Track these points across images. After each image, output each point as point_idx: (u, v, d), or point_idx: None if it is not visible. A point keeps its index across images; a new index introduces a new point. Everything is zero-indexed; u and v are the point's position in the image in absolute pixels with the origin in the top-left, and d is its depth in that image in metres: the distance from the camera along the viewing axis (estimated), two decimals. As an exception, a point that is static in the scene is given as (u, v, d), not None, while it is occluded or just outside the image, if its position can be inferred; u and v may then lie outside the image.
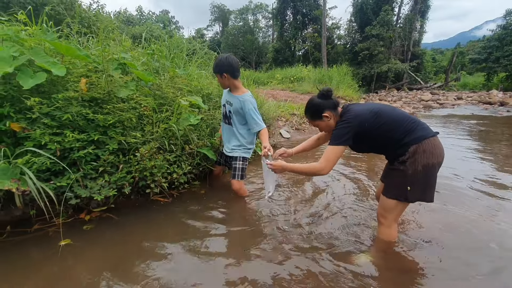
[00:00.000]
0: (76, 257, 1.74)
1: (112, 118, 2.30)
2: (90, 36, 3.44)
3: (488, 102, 12.73)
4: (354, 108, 1.70)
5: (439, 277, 1.58)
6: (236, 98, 2.42)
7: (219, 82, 2.47)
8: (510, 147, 4.82)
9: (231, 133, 2.56)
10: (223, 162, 2.79)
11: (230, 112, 2.49)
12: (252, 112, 2.38)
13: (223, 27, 40.21)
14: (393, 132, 1.62)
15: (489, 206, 2.47)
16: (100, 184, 2.16)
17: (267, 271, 1.62)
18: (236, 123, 2.49)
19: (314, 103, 1.78)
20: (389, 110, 1.68)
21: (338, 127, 1.68)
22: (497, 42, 23.62)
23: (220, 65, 2.33)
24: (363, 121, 1.62)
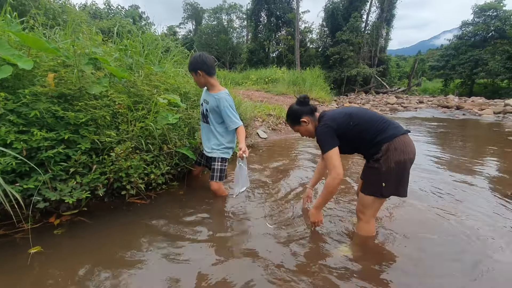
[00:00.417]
0: (47, 266, 1.61)
1: (84, 116, 2.16)
2: (56, 28, 3.20)
3: (446, 106, 13.86)
4: (329, 113, 1.83)
5: (411, 267, 1.69)
6: (212, 96, 2.40)
7: (195, 81, 2.44)
8: (465, 146, 5.32)
9: (209, 131, 2.54)
10: (204, 163, 2.75)
11: (206, 110, 2.47)
12: (227, 109, 2.37)
13: (196, 26, 39.51)
14: (366, 133, 1.72)
15: (451, 199, 2.69)
16: (71, 186, 2.02)
17: (249, 270, 1.63)
18: (213, 121, 2.47)
19: (293, 110, 1.93)
20: (362, 112, 1.80)
21: (319, 134, 1.78)
22: (453, 51, 25.87)
23: (194, 63, 2.32)
24: (340, 123, 1.74)
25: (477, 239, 1.99)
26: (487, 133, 7.12)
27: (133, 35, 3.98)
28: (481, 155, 4.63)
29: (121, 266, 1.62)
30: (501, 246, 1.91)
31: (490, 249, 1.86)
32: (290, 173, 3.35)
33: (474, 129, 8.01)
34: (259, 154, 4.31)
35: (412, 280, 1.58)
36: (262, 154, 4.29)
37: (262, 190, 2.85)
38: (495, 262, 1.72)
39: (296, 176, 3.23)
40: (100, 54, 2.92)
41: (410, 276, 1.61)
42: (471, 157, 4.42)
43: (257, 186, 2.95)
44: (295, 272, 1.61)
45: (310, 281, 1.54)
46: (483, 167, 3.85)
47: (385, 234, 2.04)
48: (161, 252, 1.77)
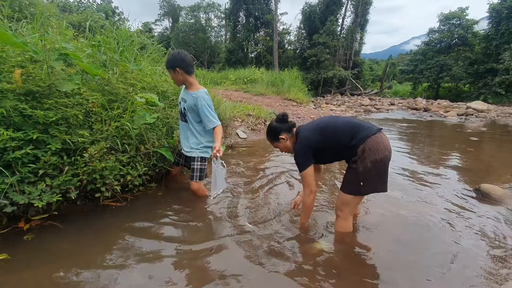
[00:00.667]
0: (15, 275, 1.51)
1: (55, 115, 2.05)
2: (24, 22, 3.00)
3: (415, 108, 14.68)
4: (304, 132, 1.93)
5: (388, 258, 1.79)
6: (190, 95, 2.36)
7: (173, 79, 2.39)
8: (433, 146, 5.69)
9: (188, 130, 2.49)
10: (183, 162, 2.70)
11: (185, 109, 2.43)
12: (205, 108, 2.33)
13: (173, 23, 38.58)
14: (340, 141, 1.82)
15: (422, 193, 2.85)
16: (41, 189, 1.91)
17: (230, 270, 1.63)
18: (191, 120, 2.43)
19: (272, 127, 2.03)
20: (332, 123, 1.90)
21: (296, 155, 1.91)
22: (421, 56, 27.46)
23: (172, 60, 2.27)
24: (315, 141, 1.86)
25: (444, 229, 2.15)
26: (451, 134, 7.64)
27: (106, 30, 3.82)
28: (447, 153, 4.96)
29: (94, 273, 1.55)
30: (461, 228, 2.12)
31: (453, 237, 2.02)
32: (270, 173, 3.38)
33: (440, 130, 8.56)
34: (238, 154, 4.31)
35: (388, 270, 1.66)
36: (242, 154, 4.29)
37: (242, 190, 2.86)
38: (460, 249, 1.86)
39: (275, 176, 3.27)
40: (71, 50, 2.78)
41: (387, 266, 1.70)
42: (437, 156, 4.73)
43: (237, 186, 2.95)
44: (277, 270, 1.63)
45: (291, 276, 1.57)
46: (449, 164, 4.12)
47: (361, 228, 2.14)
48: (137, 257, 1.71)
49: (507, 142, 6.46)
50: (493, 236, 2.07)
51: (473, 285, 1.54)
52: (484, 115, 12.17)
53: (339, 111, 12.12)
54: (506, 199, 2.61)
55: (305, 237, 2.01)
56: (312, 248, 1.85)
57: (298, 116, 8.49)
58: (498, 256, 1.82)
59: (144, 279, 1.53)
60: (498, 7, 21.46)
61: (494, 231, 2.13)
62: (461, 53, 24.26)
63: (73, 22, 11.31)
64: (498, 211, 2.47)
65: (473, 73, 22.73)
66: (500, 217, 2.36)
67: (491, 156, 5.03)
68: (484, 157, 4.92)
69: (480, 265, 1.72)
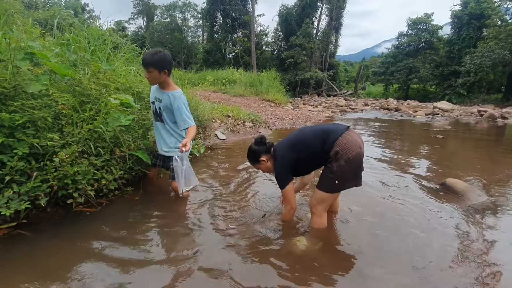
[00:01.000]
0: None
1: (21, 117, 1.94)
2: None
3: (387, 108, 15.38)
4: (280, 153, 2.02)
5: (363, 249, 1.87)
6: (166, 95, 2.30)
7: (152, 78, 2.24)
8: (402, 143, 6.02)
9: (164, 131, 2.43)
10: (160, 164, 2.64)
11: (160, 109, 2.36)
12: (181, 109, 2.28)
13: (148, 22, 37.50)
14: (313, 150, 1.93)
15: (393, 187, 3.01)
16: (8, 196, 1.80)
17: (211, 272, 1.63)
18: (167, 120, 2.37)
19: (252, 150, 2.12)
20: (301, 135, 2.03)
21: (276, 174, 2.02)
22: (392, 59, 28.84)
23: (163, 60, 2.18)
24: (291, 159, 1.97)
25: (414, 220, 2.32)
26: (420, 132, 8.09)
27: (76, 28, 3.65)
28: (416, 150, 5.26)
29: (65, 284, 1.48)
30: (429, 220, 2.28)
31: (422, 227, 2.16)
32: (249, 174, 3.41)
33: (409, 128, 9.04)
34: (218, 154, 4.29)
35: (364, 261, 1.75)
36: (222, 155, 4.28)
37: (222, 191, 2.85)
38: (428, 237, 2.00)
39: (254, 176, 3.30)
40: (37, 49, 2.64)
41: (363, 258, 1.78)
42: (408, 152, 5.01)
43: (216, 187, 2.94)
44: (259, 266, 1.66)
45: (273, 272, 1.61)
46: (418, 160, 4.39)
47: (337, 222, 2.24)
48: (112, 266, 1.65)
49: (469, 139, 6.96)
50: (456, 225, 2.24)
51: (442, 269, 1.66)
52: (449, 114, 13.02)
53: (317, 111, 12.41)
54: (468, 192, 2.82)
55: (285, 235, 2.05)
56: (292, 245, 1.90)
57: (276, 116, 8.59)
58: (461, 242, 1.97)
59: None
60: (459, 13, 23.06)
61: (457, 222, 2.31)
62: (428, 56, 25.76)
63: (39, 20, 10.67)
64: (461, 204, 2.67)
65: (439, 75, 24.23)
66: (462, 209, 2.55)
67: (455, 153, 5.40)
68: (449, 153, 5.26)
69: (447, 251, 1.85)
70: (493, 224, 2.31)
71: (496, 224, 2.33)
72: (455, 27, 23.95)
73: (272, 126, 7.36)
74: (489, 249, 1.92)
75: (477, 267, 1.72)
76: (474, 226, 2.24)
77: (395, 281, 1.60)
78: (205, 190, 2.85)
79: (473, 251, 1.89)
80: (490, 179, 3.44)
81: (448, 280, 1.60)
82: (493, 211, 2.54)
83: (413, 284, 1.57)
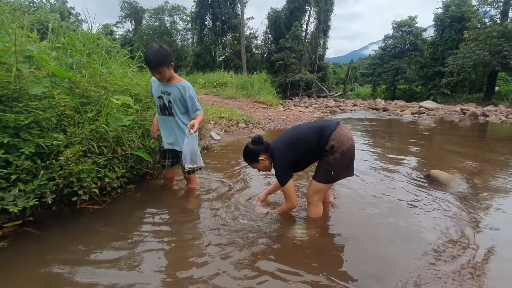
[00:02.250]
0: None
1: (26, 118, 2.00)
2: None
3: (375, 108, 15.80)
4: (278, 153, 2.07)
5: (356, 235, 2.01)
6: (175, 87, 2.32)
7: (163, 76, 2.22)
8: (390, 140, 6.28)
9: (174, 124, 2.44)
10: (169, 163, 2.66)
11: (169, 102, 2.36)
12: (192, 97, 2.34)
13: (136, 26, 37.21)
14: (310, 146, 2.05)
15: (383, 178, 3.22)
16: (14, 195, 1.85)
17: (213, 267, 1.71)
18: (177, 112, 2.39)
19: (250, 150, 2.15)
20: (297, 133, 2.14)
21: (276, 170, 2.09)
22: (379, 60, 29.55)
23: (167, 55, 2.16)
24: (290, 158, 2.06)
25: (401, 207, 2.52)
26: (407, 130, 8.40)
27: (71, 32, 3.70)
28: (403, 146, 5.50)
29: (73, 280, 1.52)
30: (414, 208, 2.48)
31: (409, 213, 2.35)
32: (246, 172, 3.52)
33: (397, 126, 9.35)
34: (214, 154, 4.38)
35: (359, 246, 1.89)
36: (217, 155, 4.38)
37: (221, 188, 2.94)
38: (413, 222, 2.16)
39: (251, 174, 3.41)
40: (35, 52, 2.69)
41: (358, 242, 1.93)
42: (396, 148, 5.25)
43: (215, 185, 3.03)
44: (260, 253, 1.77)
45: (273, 257, 1.72)
46: (405, 154, 4.62)
47: (333, 212, 2.39)
48: (118, 261, 1.69)
49: (452, 135, 7.28)
50: (437, 210, 2.46)
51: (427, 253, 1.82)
52: (434, 113, 13.49)
53: (307, 112, 12.63)
54: (450, 182, 3.04)
55: (284, 224, 2.18)
56: (291, 232, 2.02)
57: (269, 117, 8.74)
58: (444, 226, 2.15)
59: (123, 283, 1.51)
60: (441, 16, 23.90)
61: (440, 208, 2.51)
62: (413, 57, 26.54)
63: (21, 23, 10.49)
64: (444, 192, 2.90)
65: (424, 75, 24.99)
66: (445, 197, 2.77)
67: (439, 148, 5.66)
68: (434, 149, 5.53)
69: (430, 233, 2.02)
70: (471, 208, 2.53)
71: (474, 207, 2.54)
72: (438, 29, 24.81)
73: (265, 126, 7.50)
74: (466, 230, 2.10)
75: (455, 248, 1.88)
76: (456, 209, 2.47)
77: (386, 261, 1.74)
78: (205, 188, 2.94)
79: (454, 231, 2.07)
80: (471, 171, 3.67)
81: (428, 252, 1.76)
82: (472, 198, 2.76)
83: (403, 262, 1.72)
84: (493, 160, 4.43)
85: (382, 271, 1.64)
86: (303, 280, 1.54)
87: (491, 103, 17.69)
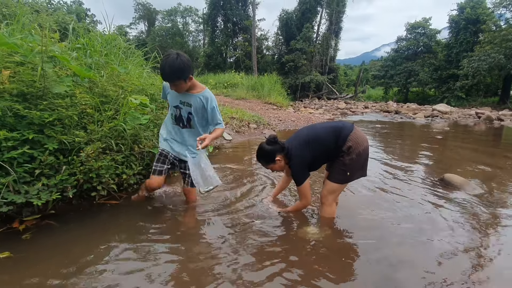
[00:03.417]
0: (17, 272, 1.54)
1: (50, 115, 2.08)
2: (6, 22, 2.96)
3: (387, 111, 15.59)
4: (294, 149, 2.06)
5: (370, 237, 2.01)
6: (196, 97, 2.08)
7: (179, 89, 2.00)
8: (403, 143, 6.20)
9: (191, 136, 2.21)
10: (167, 169, 2.29)
11: (190, 113, 2.13)
12: (215, 109, 2.11)
13: (149, 27, 37.89)
14: (328, 146, 2.05)
15: (394, 182, 3.20)
16: (37, 188, 1.93)
17: (229, 259, 1.75)
18: (197, 125, 2.18)
19: (266, 151, 2.10)
20: (314, 133, 2.11)
21: (293, 169, 2.08)
22: (391, 63, 29.13)
23: (184, 68, 1.87)
24: (308, 157, 2.04)
25: (414, 209, 2.50)
26: (419, 133, 8.26)
27: (91, 33, 3.83)
28: (416, 149, 5.42)
29: (93, 269, 1.59)
30: (428, 211, 2.46)
31: (422, 215, 2.34)
32: (258, 172, 3.55)
33: (409, 129, 9.20)
34: (225, 154, 4.43)
35: (373, 245, 1.90)
36: (229, 155, 4.43)
37: (233, 187, 2.98)
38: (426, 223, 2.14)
39: (262, 174, 3.44)
40: (57, 52, 2.80)
41: (370, 245, 1.93)
42: (409, 150, 5.19)
43: (228, 184, 3.08)
44: (272, 253, 1.79)
45: (287, 257, 1.74)
46: (418, 158, 4.56)
47: (346, 213, 2.38)
48: (135, 253, 1.76)
49: (467, 139, 7.12)
50: (451, 214, 2.44)
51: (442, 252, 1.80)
52: (448, 116, 13.22)
53: (318, 114, 12.58)
54: (464, 185, 3.00)
55: (297, 224, 2.20)
56: (304, 233, 2.04)
57: (279, 119, 8.75)
58: (459, 230, 2.12)
59: (137, 275, 1.57)
60: (456, 18, 23.41)
61: (452, 211, 2.50)
62: (426, 59, 26.07)
63: (42, 24, 10.87)
64: (458, 195, 2.86)
65: (437, 78, 24.51)
66: (458, 200, 2.74)
67: (453, 151, 5.55)
68: (447, 152, 5.43)
69: (445, 238, 2.00)
70: (486, 213, 2.48)
71: (489, 212, 2.50)
72: (452, 31, 24.31)
73: (276, 127, 7.52)
74: (481, 233, 2.07)
75: (471, 253, 1.86)
76: (470, 214, 2.43)
77: (399, 265, 1.74)
78: (218, 187, 2.98)
79: (469, 235, 2.04)
80: (485, 175, 3.60)
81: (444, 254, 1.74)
82: (486, 202, 2.71)
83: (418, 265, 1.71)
84: (508, 165, 4.32)
85: (395, 275, 1.64)
86: (315, 282, 1.55)
87: (506, 107, 17.23)
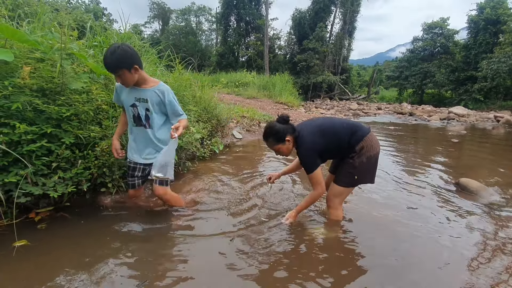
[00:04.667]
0: (34, 259, 1.61)
1: (67, 111, 2.15)
2: (28, 20, 3.07)
3: (400, 113, 15.25)
4: (308, 136, 1.93)
5: (379, 242, 1.98)
6: (151, 91, 1.97)
7: (124, 80, 1.85)
8: (416, 145, 6.06)
9: (147, 137, 2.06)
10: (139, 181, 2.20)
11: (147, 110, 2.00)
12: (173, 101, 2.02)
13: (163, 26, 38.48)
14: (341, 140, 1.97)
15: (408, 186, 3.13)
16: (54, 181, 2.00)
17: (240, 256, 1.78)
18: (154, 123, 2.04)
19: (277, 129, 1.95)
20: (331, 124, 2.02)
21: (304, 155, 1.95)
22: (406, 63, 28.44)
23: (125, 56, 1.77)
24: (319, 144, 1.93)
25: (428, 214, 2.41)
26: (435, 136, 8.04)
27: (108, 31, 3.93)
28: (431, 153, 5.28)
29: (103, 261, 1.64)
30: (440, 219, 2.37)
31: (435, 220, 2.26)
32: (267, 169, 3.55)
33: (424, 132, 8.98)
34: (235, 153, 4.45)
35: (379, 247, 1.87)
36: (238, 153, 4.45)
37: (242, 185, 3.00)
38: (441, 228, 2.09)
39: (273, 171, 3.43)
40: (75, 50, 2.88)
41: (381, 249, 1.90)
42: (423, 154, 5.05)
43: (237, 181, 3.09)
44: (280, 254, 1.79)
45: (293, 259, 1.74)
46: (433, 162, 4.42)
47: (352, 216, 2.35)
48: (144, 246, 1.82)
49: (484, 144, 6.88)
50: (466, 219, 2.37)
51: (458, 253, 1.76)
52: (465, 119, 12.81)
53: (329, 114, 12.46)
54: (480, 191, 2.90)
55: (304, 226, 2.18)
56: (311, 235, 2.02)
57: (290, 118, 8.71)
58: (472, 235, 2.05)
59: (149, 266, 1.63)
60: (476, 18, 22.63)
61: (466, 216, 2.43)
62: (443, 61, 25.33)
63: (62, 22, 11.21)
64: (474, 201, 2.78)
65: (455, 80, 23.78)
66: (474, 205, 2.66)
67: (469, 156, 5.38)
68: (463, 156, 5.27)
69: (458, 243, 1.94)
70: (504, 219, 2.39)
71: (504, 218, 2.41)
72: (471, 32, 23.50)
73: (286, 127, 7.48)
74: (496, 239, 2.00)
75: (483, 258, 1.80)
76: (486, 222, 2.33)
77: (410, 270, 1.70)
78: (227, 184, 3.01)
79: (482, 240, 1.97)
80: (504, 181, 3.46)
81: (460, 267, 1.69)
82: (504, 209, 2.61)
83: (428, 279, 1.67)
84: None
85: (406, 277, 1.61)
86: (322, 285, 1.54)
87: (528, 111, 16.50)
